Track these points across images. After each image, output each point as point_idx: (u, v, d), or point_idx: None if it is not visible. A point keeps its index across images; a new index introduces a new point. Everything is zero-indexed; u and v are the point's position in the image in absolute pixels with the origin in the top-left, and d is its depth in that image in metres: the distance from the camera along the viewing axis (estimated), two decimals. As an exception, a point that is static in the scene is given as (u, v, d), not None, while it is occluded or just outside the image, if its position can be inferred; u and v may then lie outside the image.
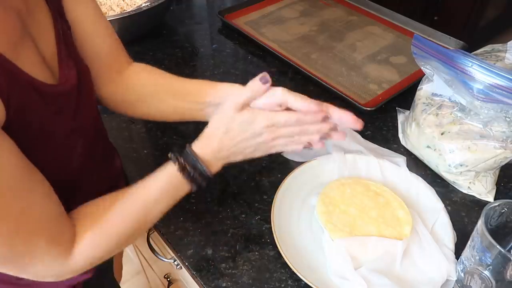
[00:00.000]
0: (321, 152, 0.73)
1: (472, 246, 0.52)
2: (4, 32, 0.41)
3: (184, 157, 0.51)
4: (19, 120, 0.41)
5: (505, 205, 0.52)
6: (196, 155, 0.51)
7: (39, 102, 0.44)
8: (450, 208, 0.67)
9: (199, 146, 0.52)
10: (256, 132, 0.51)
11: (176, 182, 0.51)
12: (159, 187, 0.51)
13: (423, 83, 0.74)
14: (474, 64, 0.59)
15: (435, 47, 0.65)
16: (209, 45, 1.05)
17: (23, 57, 0.43)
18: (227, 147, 0.52)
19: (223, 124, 0.51)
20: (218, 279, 0.58)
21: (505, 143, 0.63)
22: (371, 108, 0.83)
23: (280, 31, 1.08)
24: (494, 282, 0.50)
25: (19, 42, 0.43)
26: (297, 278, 0.56)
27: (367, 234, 0.58)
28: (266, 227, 0.64)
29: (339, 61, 0.98)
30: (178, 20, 1.14)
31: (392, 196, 0.64)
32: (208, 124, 0.53)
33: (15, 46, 0.42)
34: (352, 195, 0.63)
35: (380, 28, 1.09)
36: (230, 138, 0.51)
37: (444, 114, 0.69)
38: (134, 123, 0.83)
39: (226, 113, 0.51)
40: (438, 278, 0.56)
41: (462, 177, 0.68)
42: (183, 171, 0.50)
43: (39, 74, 0.44)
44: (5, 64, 0.39)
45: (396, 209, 0.62)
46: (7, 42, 0.41)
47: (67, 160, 0.51)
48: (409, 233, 0.59)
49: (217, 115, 0.52)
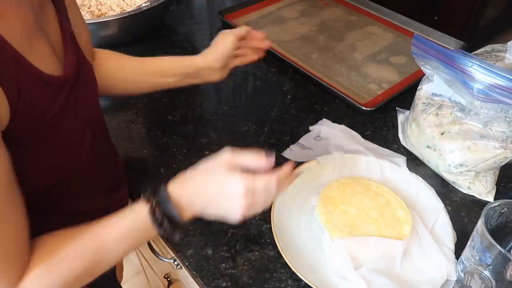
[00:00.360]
0: (321, 152, 0.73)
1: (472, 246, 0.52)
2: (20, 25, 0.42)
3: (157, 196, 0.48)
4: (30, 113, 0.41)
5: (505, 205, 0.52)
6: (169, 195, 0.48)
7: (48, 95, 0.45)
8: (450, 208, 0.67)
9: (175, 186, 0.49)
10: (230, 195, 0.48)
11: (142, 225, 0.48)
12: (123, 227, 0.47)
13: (423, 83, 0.74)
14: (474, 64, 0.59)
15: (435, 47, 0.65)
16: (209, 45, 1.05)
17: (36, 49, 0.44)
18: (200, 196, 0.49)
19: (203, 173, 0.50)
20: (218, 279, 0.58)
21: (505, 143, 0.63)
22: (371, 108, 0.83)
23: (280, 31, 1.08)
24: (494, 282, 0.50)
25: (33, 35, 0.44)
26: (297, 278, 0.56)
27: (367, 234, 0.58)
28: (266, 227, 0.64)
29: (339, 61, 0.98)
30: (178, 20, 1.14)
31: (392, 196, 0.64)
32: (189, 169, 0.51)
33: (29, 39, 0.43)
34: (352, 195, 0.63)
35: (380, 28, 1.09)
36: (205, 191, 0.49)
37: (444, 114, 0.69)
38: (134, 123, 0.83)
39: (212, 165, 0.50)
40: (438, 278, 0.56)
41: (462, 177, 0.68)
42: (153, 213, 0.47)
43: (49, 65, 0.46)
44: (18, 58, 0.40)
45: (396, 209, 0.62)
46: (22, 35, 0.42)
47: (76, 154, 0.51)
48: (409, 233, 0.59)
49: (206, 162, 0.51)
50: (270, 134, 0.80)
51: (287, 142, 0.78)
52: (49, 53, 0.47)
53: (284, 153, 0.75)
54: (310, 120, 0.82)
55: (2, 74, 0.37)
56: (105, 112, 0.85)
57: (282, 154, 0.75)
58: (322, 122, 0.81)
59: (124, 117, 0.84)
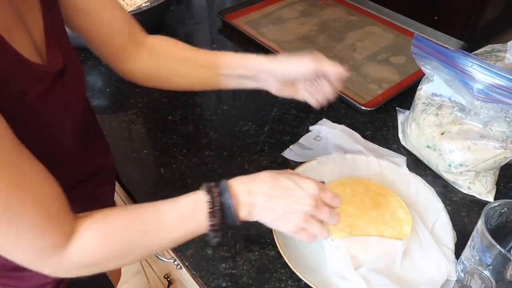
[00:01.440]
0: (321, 152, 0.73)
1: (472, 246, 0.52)
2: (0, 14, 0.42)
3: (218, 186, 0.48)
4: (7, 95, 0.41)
5: (505, 205, 0.52)
6: (229, 185, 0.48)
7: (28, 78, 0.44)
8: (450, 208, 0.67)
9: (236, 180, 0.49)
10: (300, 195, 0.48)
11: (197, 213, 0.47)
12: (182, 209, 0.47)
13: (423, 83, 0.74)
14: (474, 64, 0.59)
15: (435, 47, 0.65)
16: (209, 45, 1.05)
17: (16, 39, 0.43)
18: (264, 192, 0.49)
19: (271, 173, 0.50)
20: (218, 279, 0.58)
21: (505, 143, 0.63)
22: (371, 108, 0.83)
23: (280, 31, 1.08)
24: (494, 282, 0.50)
25: (13, 26, 0.44)
26: (297, 278, 0.56)
27: (367, 234, 0.58)
28: (266, 227, 0.64)
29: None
30: (178, 20, 1.14)
31: (392, 196, 0.64)
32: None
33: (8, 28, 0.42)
34: (352, 195, 0.63)
35: (380, 28, 1.09)
36: (271, 186, 0.49)
37: (444, 114, 0.69)
38: (134, 123, 0.83)
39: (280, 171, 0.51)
40: (438, 278, 0.56)
41: (462, 177, 0.68)
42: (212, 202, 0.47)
43: (30, 55, 0.45)
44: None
45: (396, 209, 0.62)
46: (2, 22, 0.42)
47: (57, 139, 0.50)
48: (409, 233, 0.59)
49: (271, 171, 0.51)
50: (270, 134, 0.80)
51: (287, 142, 0.78)
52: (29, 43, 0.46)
53: (284, 153, 0.75)
54: (310, 120, 0.82)
55: None
56: (105, 112, 0.85)
57: (282, 154, 0.75)
58: (322, 122, 0.81)
59: (124, 117, 0.84)
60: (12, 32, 0.43)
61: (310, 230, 0.50)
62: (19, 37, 0.45)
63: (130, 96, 0.88)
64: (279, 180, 0.49)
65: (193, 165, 0.73)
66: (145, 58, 0.64)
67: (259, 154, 0.76)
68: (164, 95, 0.88)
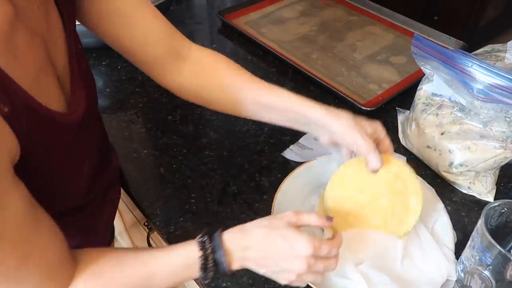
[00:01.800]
0: (321, 152, 0.73)
1: (472, 246, 0.52)
2: (31, 61, 0.39)
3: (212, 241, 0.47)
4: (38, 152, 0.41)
5: (505, 205, 0.52)
6: (223, 242, 0.47)
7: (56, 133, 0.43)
8: (450, 208, 0.67)
9: (230, 235, 0.48)
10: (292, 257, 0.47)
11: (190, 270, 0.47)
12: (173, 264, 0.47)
13: (423, 83, 0.74)
14: (474, 64, 0.59)
15: (435, 47, 0.65)
16: (209, 45, 1.05)
17: (43, 85, 0.41)
18: (257, 248, 0.48)
19: (265, 226, 0.49)
20: (218, 279, 0.58)
21: (505, 143, 0.63)
22: (371, 108, 0.83)
23: (280, 31, 1.08)
24: (494, 282, 0.50)
25: (42, 69, 0.42)
26: (297, 278, 0.56)
27: (371, 225, 0.58)
28: (266, 227, 0.64)
29: (339, 61, 0.98)
30: (178, 20, 1.14)
31: (412, 180, 0.59)
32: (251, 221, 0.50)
33: (38, 75, 0.40)
34: (368, 177, 0.59)
35: (380, 28, 1.09)
36: (265, 244, 0.48)
37: (444, 114, 0.69)
38: (134, 123, 0.83)
39: (276, 220, 0.49)
40: (438, 278, 0.56)
41: (462, 177, 0.68)
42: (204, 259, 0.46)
43: (55, 101, 0.43)
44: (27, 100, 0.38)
45: (409, 195, 0.58)
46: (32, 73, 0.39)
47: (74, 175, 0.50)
48: (412, 225, 0.57)
49: (266, 218, 0.50)
50: (270, 134, 0.80)
51: (287, 142, 0.78)
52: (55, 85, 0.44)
53: (284, 153, 0.75)
54: (310, 120, 0.82)
55: (13, 118, 0.36)
56: (105, 112, 0.85)
57: (282, 154, 0.75)
58: (322, 122, 0.81)
59: (124, 117, 0.84)
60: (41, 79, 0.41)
61: (305, 279, 0.50)
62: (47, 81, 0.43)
63: (130, 96, 0.88)
64: (272, 238, 0.48)
65: (193, 165, 0.73)
66: (186, 75, 0.60)
67: (259, 154, 0.76)
68: (164, 95, 0.88)
